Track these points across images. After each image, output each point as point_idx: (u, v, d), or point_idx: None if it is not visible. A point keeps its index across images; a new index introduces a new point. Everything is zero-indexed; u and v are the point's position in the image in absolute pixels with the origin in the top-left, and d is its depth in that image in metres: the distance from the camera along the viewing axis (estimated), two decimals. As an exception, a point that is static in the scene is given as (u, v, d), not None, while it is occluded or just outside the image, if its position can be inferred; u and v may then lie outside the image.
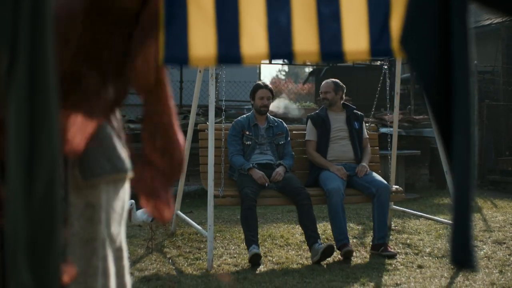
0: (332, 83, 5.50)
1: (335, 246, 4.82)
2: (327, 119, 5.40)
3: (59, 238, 0.97)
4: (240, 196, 4.86)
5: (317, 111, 5.59)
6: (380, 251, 4.94)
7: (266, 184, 4.97)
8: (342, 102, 5.49)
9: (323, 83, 5.59)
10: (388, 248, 4.99)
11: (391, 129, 6.15)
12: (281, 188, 5.03)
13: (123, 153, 1.56)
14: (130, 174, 1.58)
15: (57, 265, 0.97)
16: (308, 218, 4.84)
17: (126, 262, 1.59)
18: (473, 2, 1.21)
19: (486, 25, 12.01)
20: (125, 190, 1.57)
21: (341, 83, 5.51)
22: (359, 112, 5.57)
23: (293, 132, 5.70)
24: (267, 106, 5.23)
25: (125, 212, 1.58)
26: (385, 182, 5.21)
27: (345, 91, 5.52)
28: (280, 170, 5.07)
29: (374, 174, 5.33)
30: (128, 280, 1.59)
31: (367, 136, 5.58)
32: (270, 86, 5.35)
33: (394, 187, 5.57)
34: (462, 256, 1.15)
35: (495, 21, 11.74)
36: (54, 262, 0.96)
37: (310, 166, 5.45)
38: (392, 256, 4.88)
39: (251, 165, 5.02)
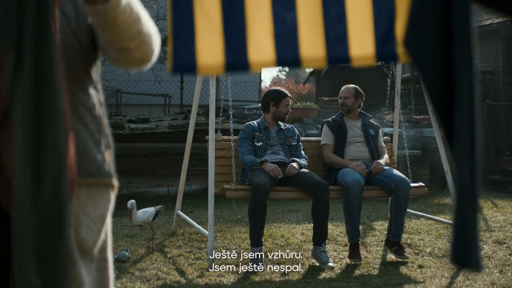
0: (353, 89, 5.34)
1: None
2: (344, 125, 5.29)
3: (68, 239, 0.97)
4: (251, 187, 4.69)
5: (333, 117, 5.44)
6: (393, 250, 4.87)
7: (280, 177, 4.79)
8: (359, 110, 5.39)
9: (343, 87, 5.42)
10: (403, 250, 4.87)
11: (392, 129, 6.15)
12: (297, 181, 4.86)
13: (101, 157, 1.50)
14: (112, 181, 1.52)
15: (66, 267, 0.96)
16: (322, 211, 4.71)
17: (111, 274, 1.54)
18: (474, 3, 1.21)
19: (486, 25, 12.01)
20: (106, 199, 1.51)
21: (361, 90, 5.38)
22: (375, 122, 5.50)
23: (304, 143, 5.44)
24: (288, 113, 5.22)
25: (106, 222, 1.52)
26: (405, 177, 5.02)
27: (364, 98, 5.41)
28: (294, 164, 4.93)
29: (393, 169, 5.17)
30: None
31: (384, 145, 5.42)
32: None
33: (415, 183, 5.30)
34: (461, 255, 1.15)
35: (496, 21, 11.74)
36: (63, 263, 0.96)
37: (326, 170, 5.27)
38: (402, 259, 4.80)
39: (263, 158, 4.88)
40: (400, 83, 6.12)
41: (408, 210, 6.21)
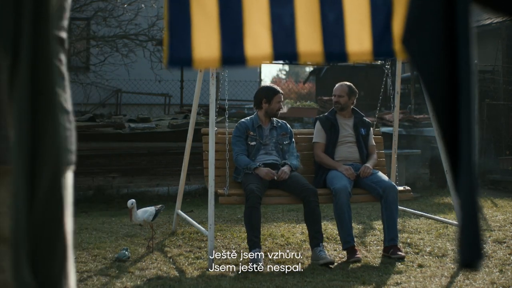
0: (347, 88, 5.38)
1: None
2: (336, 123, 5.34)
3: (63, 238, 0.97)
4: (244, 194, 4.80)
5: (325, 114, 5.49)
6: (390, 253, 4.87)
7: (275, 178, 4.91)
8: (352, 107, 5.42)
9: (337, 85, 5.46)
10: (398, 250, 4.89)
11: (392, 128, 6.15)
12: (288, 186, 4.98)
13: None
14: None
15: (61, 266, 0.96)
16: (313, 216, 4.81)
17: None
18: (474, 2, 1.21)
19: (486, 25, 12.01)
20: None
21: (355, 88, 5.42)
22: (367, 119, 5.53)
23: (298, 136, 5.59)
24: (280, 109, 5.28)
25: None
26: (392, 182, 5.13)
27: (357, 96, 5.45)
28: (285, 169, 5.03)
29: (381, 174, 5.25)
30: None
31: (374, 144, 5.49)
32: None
33: (401, 187, 5.42)
34: (471, 259, 1.15)
35: (495, 21, 11.74)
36: (58, 262, 0.96)
37: (316, 168, 5.37)
38: (401, 259, 4.80)
39: (257, 164, 4.98)
40: (400, 82, 6.11)
41: (408, 209, 6.23)
